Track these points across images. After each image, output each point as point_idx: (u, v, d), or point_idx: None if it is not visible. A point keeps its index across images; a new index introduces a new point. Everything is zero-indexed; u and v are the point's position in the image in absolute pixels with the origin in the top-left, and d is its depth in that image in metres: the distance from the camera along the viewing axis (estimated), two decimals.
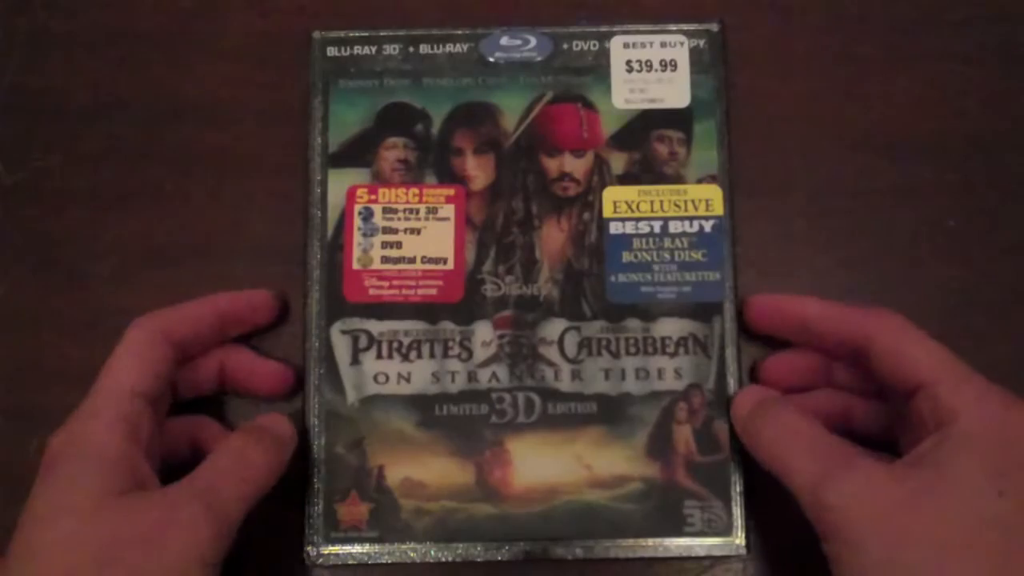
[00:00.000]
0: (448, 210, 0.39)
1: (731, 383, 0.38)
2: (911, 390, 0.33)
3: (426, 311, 0.39)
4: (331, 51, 0.41)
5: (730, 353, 0.38)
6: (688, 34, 0.41)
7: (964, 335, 0.39)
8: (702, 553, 0.37)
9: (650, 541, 0.37)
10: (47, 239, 0.41)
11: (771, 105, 0.41)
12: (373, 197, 0.39)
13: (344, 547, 0.37)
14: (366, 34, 0.41)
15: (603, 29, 0.41)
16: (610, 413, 0.38)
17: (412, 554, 0.37)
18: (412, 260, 0.39)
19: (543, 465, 0.37)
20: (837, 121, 0.41)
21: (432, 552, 0.37)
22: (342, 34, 0.41)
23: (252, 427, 0.36)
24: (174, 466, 0.35)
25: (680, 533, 0.37)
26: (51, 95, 0.42)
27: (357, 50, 0.41)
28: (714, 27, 0.41)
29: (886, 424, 0.36)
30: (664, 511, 0.37)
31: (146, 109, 0.42)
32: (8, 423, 0.39)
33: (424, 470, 0.37)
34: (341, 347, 0.38)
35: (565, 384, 0.38)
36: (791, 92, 0.41)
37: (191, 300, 0.37)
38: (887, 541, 0.29)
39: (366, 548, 0.37)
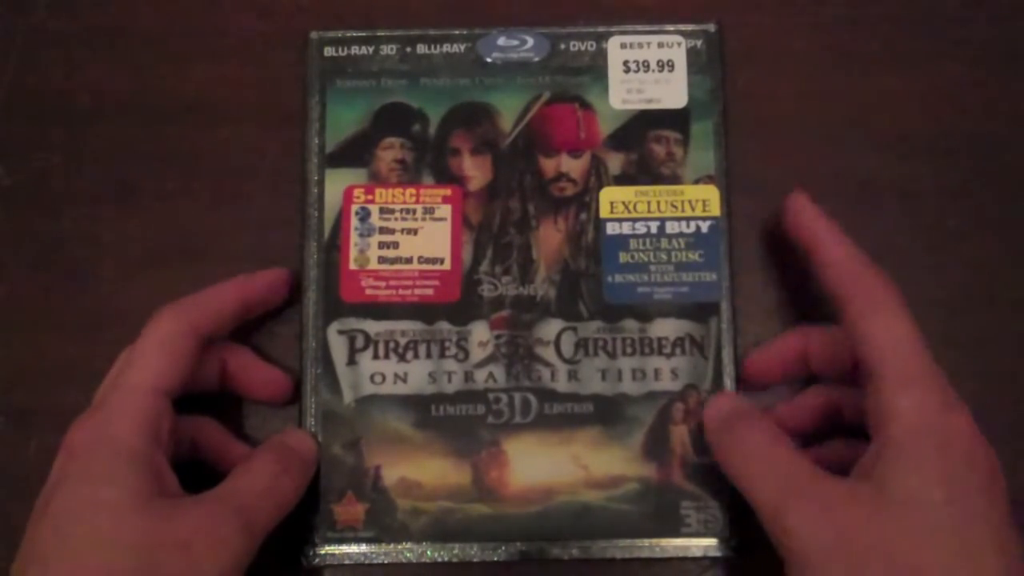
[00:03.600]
0: (445, 210, 0.39)
1: (728, 384, 0.38)
2: (865, 373, 0.32)
3: (423, 311, 0.39)
4: (328, 51, 0.41)
5: (727, 354, 0.38)
6: (685, 34, 0.41)
7: (964, 335, 0.39)
8: (699, 554, 0.37)
9: (647, 542, 0.37)
10: (47, 239, 0.41)
11: (769, 105, 0.41)
12: (370, 197, 0.40)
13: (341, 547, 0.37)
14: (363, 34, 0.41)
15: (600, 29, 0.41)
16: (607, 413, 0.38)
17: (408, 554, 0.37)
18: (409, 260, 0.39)
19: (539, 465, 0.37)
20: (836, 121, 0.41)
21: (428, 552, 0.37)
22: (339, 34, 0.41)
23: (283, 449, 0.35)
24: (174, 466, 0.34)
25: (677, 534, 0.37)
26: (51, 95, 0.42)
27: (354, 50, 0.41)
28: (711, 27, 0.41)
29: None
30: (661, 512, 0.37)
31: (146, 109, 0.42)
32: (8, 423, 0.39)
33: (420, 470, 0.37)
34: (338, 347, 0.38)
35: (562, 384, 0.38)
36: (789, 92, 0.41)
37: (213, 286, 0.37)
38: (847, 564, 0.29)
39: (363, 548, 0.37)
